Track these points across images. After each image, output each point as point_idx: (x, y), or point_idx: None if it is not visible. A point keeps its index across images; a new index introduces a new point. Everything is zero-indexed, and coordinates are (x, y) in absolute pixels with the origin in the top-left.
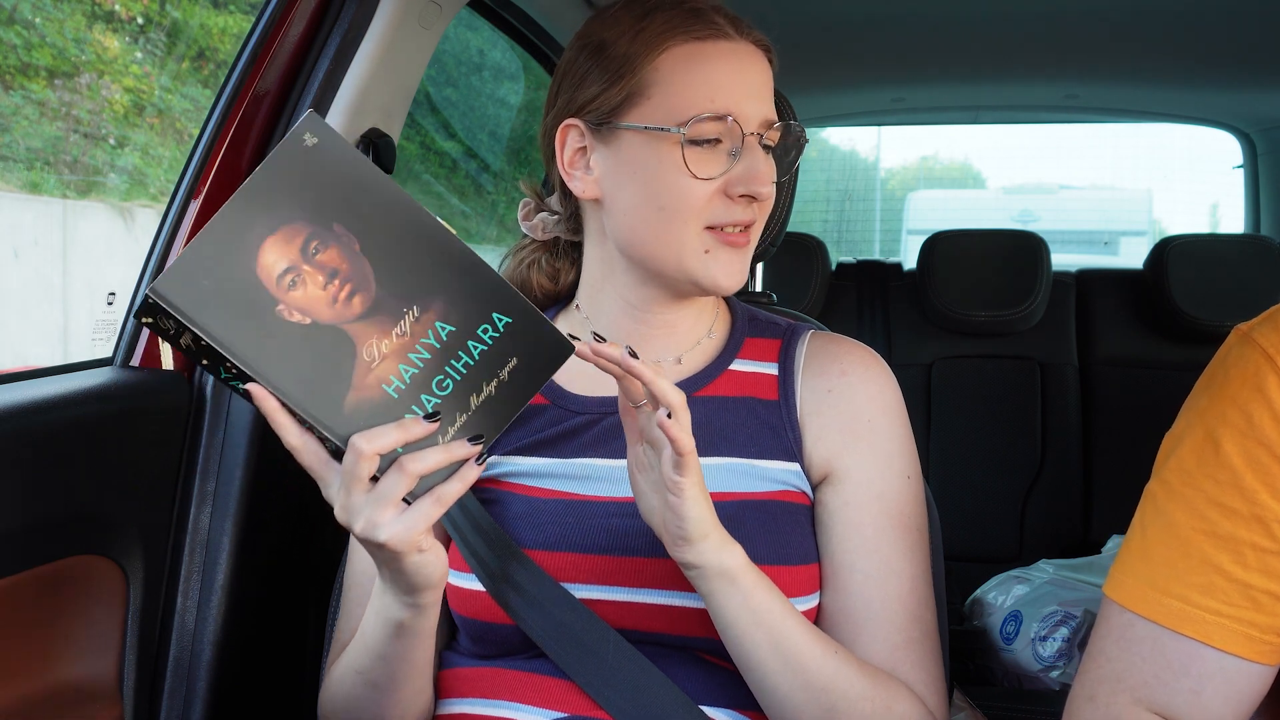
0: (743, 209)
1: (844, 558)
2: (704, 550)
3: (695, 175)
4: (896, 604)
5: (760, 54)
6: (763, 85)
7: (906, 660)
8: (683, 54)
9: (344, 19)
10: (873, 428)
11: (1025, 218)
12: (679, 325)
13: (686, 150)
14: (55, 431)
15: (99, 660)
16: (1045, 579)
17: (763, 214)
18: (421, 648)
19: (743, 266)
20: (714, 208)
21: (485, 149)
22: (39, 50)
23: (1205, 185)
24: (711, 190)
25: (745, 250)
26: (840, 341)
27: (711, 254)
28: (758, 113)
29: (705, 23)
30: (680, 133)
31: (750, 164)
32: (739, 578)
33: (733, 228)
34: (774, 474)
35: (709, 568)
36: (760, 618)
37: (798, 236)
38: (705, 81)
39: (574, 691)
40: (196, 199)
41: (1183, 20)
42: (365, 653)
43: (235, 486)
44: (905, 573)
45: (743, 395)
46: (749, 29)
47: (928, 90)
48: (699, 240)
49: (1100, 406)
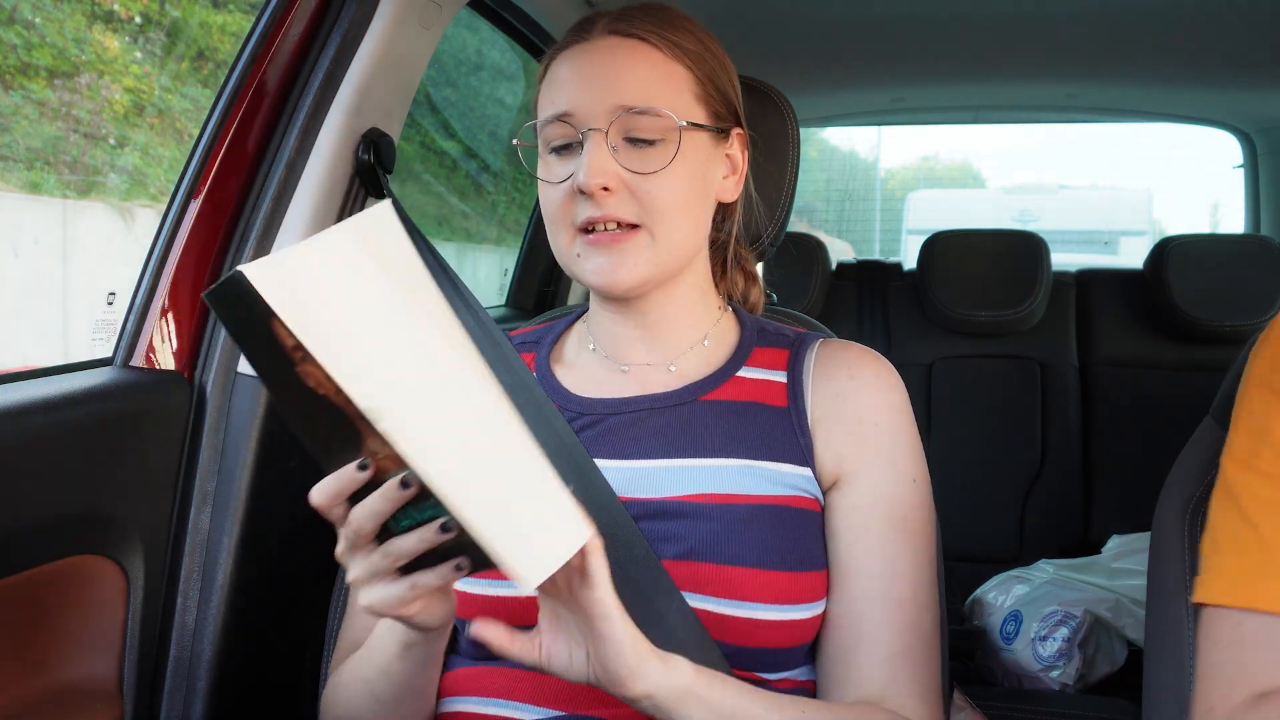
0: (584, 205)
1: (849, 562)
2: (648, 673)
3: (547, 180)
4: (897, 610)
5: (622, 43)
6: (612, 74)
7: (901, 670)
8: (549, 71)
9: (344, 19)
10: (879, 431)
11: (1025, 218)
12: (660, 329)
13: (545, 160)
14: (55, 431)
15: (99, 660)
16: (1045, 579)
17: (638, 206)
18: (426, 671)
19: (615, 266)
20: (573, 209)
21: (485, 149)
22: (39, 50)
23: (1205, 185)
24: (566, 192)
25: (614, 248)
26: (848, 347)
27: (582, 255)
28: (600, 103)
29: (571, 34)
30: (533, 141)
31: (581, 158)
32: (696, 689)
33: (590, 226)
34: (786, 478)
35: (664, 691)
36: (724, 716)
37: (798, 236)
38: (551, 88)
39: (573, 688)
40: (196, 199)
41: (1183, 20)
42: (371, 665)
43: (235, 486)
44: (909, 577)
45: (752, 400)
46: (613, 22)
47: (928, 90)
48: (572, 245)
49: (1100, 406)
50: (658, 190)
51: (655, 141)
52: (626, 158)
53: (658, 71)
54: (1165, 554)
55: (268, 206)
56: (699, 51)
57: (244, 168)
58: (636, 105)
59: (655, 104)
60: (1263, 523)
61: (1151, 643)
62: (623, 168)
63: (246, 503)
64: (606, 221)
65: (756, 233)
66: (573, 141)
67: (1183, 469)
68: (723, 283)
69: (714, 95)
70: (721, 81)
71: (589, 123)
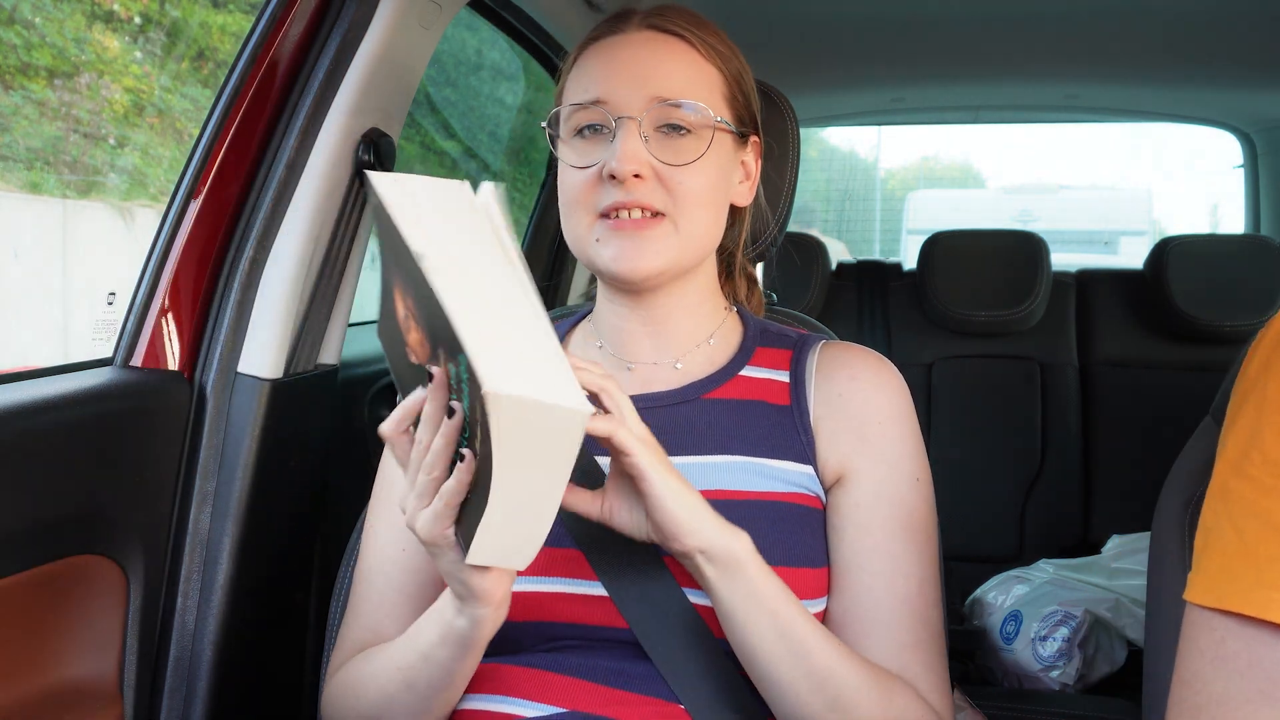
0: (611, 190)
1: (853, 559)
2: (702, 529)
3: (573, 165)
4: (904, 606)
5: (657, 37)
6: (648, 66)
7: (914, 662)
8: (580, 60)
9: (344, 19)
10: (882, 431)
11: (1025, 218)
12: (667, 325)
13: (570, 143)
14: (55, 431)
15: (99, 660)
16: (1045, 579)
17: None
18: (465, 661)
19: (637, 253)
20: (597, 194)
21: (485, 149)
22: (39, 50)
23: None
24: (591, 177)
25: (638, 235)
26: (850, 348)
27: (601, 240)
28: (635, 95)
29: (604, 26)
30: (559, 127)
31: (614, 145)
32: (749, 562)
33: (615, 211)
34: (787, 475)
35: (717, 549)
36: (764, 603)
37: (798, 236)
38: (582, 76)
39: (577, 686)
40: (196, 199)
41: (1183, 20)
42: (411, 650)
43: (235, 486)
44: (914, 574)
45: (754, 399)
46: (648, 17)
47: (928, 90)
48: (591, 229)
49: (1100, 406)
50: (687, 181)
51: (686, 134)
52: (657, 148)
53: (693, 68)
54: (1165, 554)
55: (268, 206)
56: (729, 55)
57: (244, 168)
58: (672, 98)
59: (691, 97)
60: (1247, 528)
61: (1151, 643)
62: (654, 157)
63: (246, 503)
64: (633, 207)
65: (756, 234)
66: (602, 126)
67: (1182, 469)
68: (727, 285)
69: (739, 100)
70: (746, 87)
71: (623, 110)
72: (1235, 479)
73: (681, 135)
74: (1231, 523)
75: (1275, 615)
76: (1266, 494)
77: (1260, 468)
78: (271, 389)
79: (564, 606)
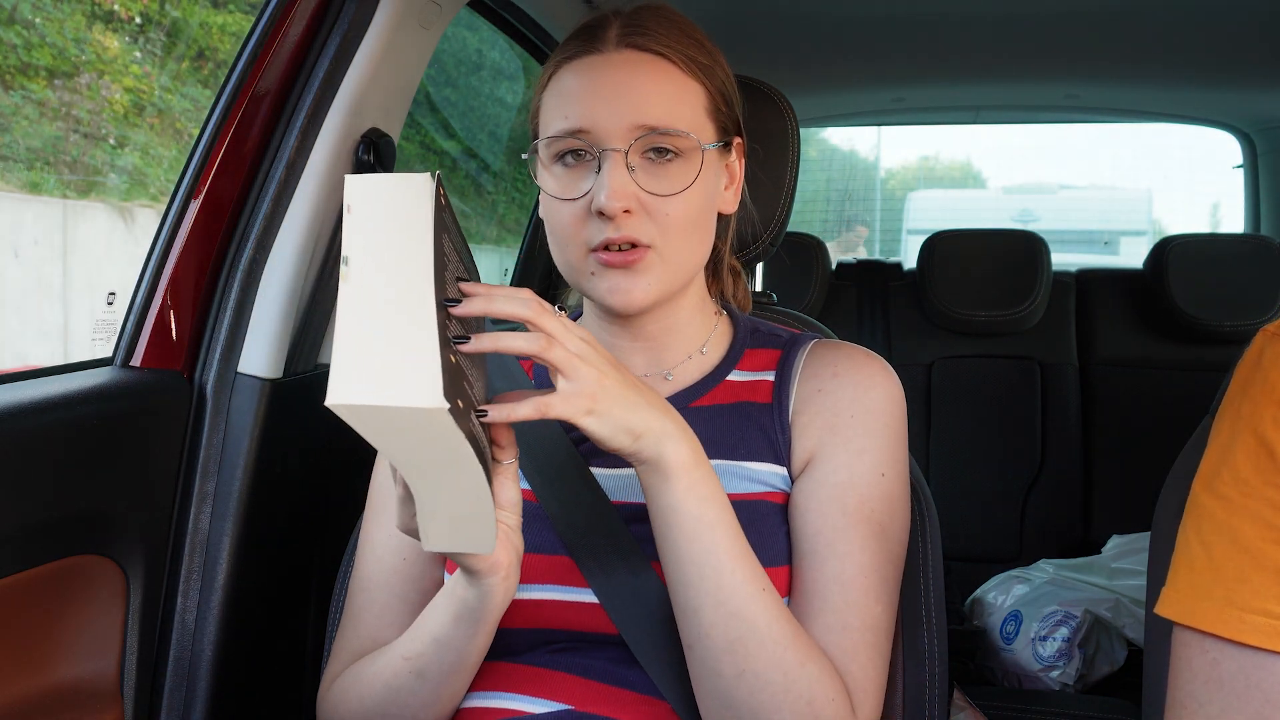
0: (601, 226)
1: (799, 544)
2: (640, 445)
3: (557, 197)
4: (835, 585)
5: (637, 57)
6: (630, 90)
7: (839, 646)
8: (556, 78)
9: (344, 19)
10: (854, 421)
11: (1025, 218)
12: (659, 341)
13: (552, 173)
14: (55, 431)
15: (99, 660)
16: (1045, 579)
17: (652, 227)
18: (477, 640)
19: (629, 286)
20: (588, 230)
21: (485, 149)
22: (39, 50)
23: (1205, 185)
24: (579, 212)
25: (628, 270)
26: (842, 347)
27: (597, 276)
28: (619, 123)
29: (580, 41)
30: (538, 157)
31: (600, 178)
32: (676, 475)
33: (606, 248)
34: (760, 475)
35: (644, 460)
36: (682, 520)
37: (798, 236)
38: (561, 100)
39: (573, 683)
40: (196, 199)
41: (1183, 20)
42: (421, 637)
43: (235, 486)
44: (853, 559)
45: (738, 402)
46: (630, 35)
47: (928, 90)
48: (585, 263)
49: (1100, 406)
50: (674, 212)
51: (673, 158)
52: (644, 178)
53: (677, 90)
54: (1164, 554)
55: (268, 206)
56: (710, 65)
57: (244, 168)
58: (659, 126)
59: (677, 125)
60: (1215, 544)
61: (1151, 643)
62: (641, 189)
63: (246, 503)
64: (622, 242)
65: (746, 239)
66: (584, 153)
67: (1182, 469)
68: (714, 285)
69: (723, 109)
70: (729, 93)
71: (608, 142)
72: (1206, 495)
73: (668, 160)
74: (1200, 539)
75: (1250, 637)
76: (1235, 513)
77: (1230, 486)
78: (271, 389)
79: (557, 613)
